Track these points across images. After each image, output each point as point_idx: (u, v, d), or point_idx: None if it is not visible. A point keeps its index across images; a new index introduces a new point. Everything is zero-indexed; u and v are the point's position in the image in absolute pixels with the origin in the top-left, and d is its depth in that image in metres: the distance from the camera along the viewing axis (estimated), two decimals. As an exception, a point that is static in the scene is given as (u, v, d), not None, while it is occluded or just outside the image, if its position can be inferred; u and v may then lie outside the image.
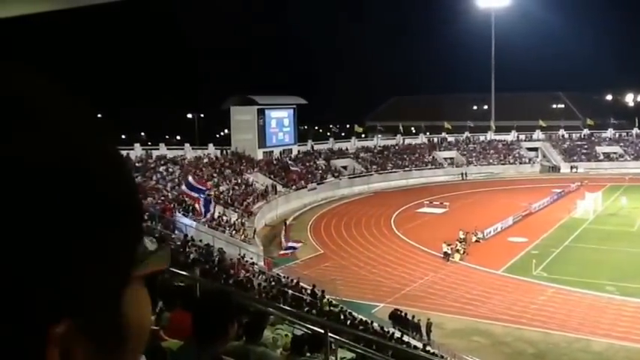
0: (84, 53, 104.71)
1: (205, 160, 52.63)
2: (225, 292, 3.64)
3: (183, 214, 34.80)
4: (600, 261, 33.84)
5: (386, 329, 23.54)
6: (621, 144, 75.00)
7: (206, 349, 2.60)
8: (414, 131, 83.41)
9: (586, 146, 75.47)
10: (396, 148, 72.56)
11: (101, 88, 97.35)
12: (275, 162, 59.45)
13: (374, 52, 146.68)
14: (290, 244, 35.87)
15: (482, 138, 77.89)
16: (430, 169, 69.80)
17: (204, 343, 2.61)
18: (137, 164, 44.50)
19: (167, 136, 75.22)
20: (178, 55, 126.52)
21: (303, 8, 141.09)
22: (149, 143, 57.43)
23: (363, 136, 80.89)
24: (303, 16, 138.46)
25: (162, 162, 47.70)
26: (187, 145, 54.69)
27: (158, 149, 50.86)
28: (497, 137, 78.00)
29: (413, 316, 25.51)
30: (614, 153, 73.96)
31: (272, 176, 55.25)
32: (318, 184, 58.23)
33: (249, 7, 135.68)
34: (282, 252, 35.45)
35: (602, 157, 73.76)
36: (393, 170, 67.09)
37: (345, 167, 64.58)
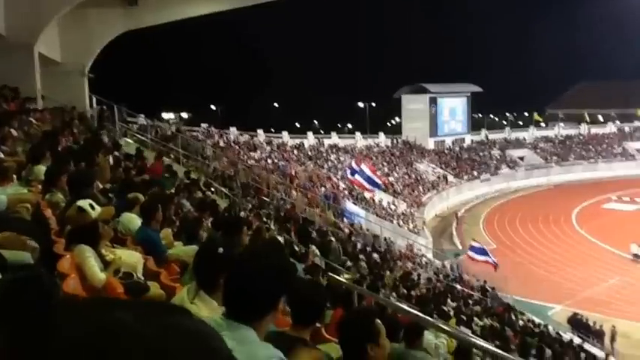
0: (265, 48, 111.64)
1: (376, 149, 53.22)
2: (373, 312, 3.73)
3: (353, 203, 35.63)
4: None
5: (563, 334, 22.05)
6: None
7: None
8: (601, 120, 76.30)
9: None
10: (581, 137, 67.07)
11: (278, 80, 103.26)
12: (447, 151, 58.32)
13: (555, 35, 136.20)
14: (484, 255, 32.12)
15: (683, 127, 68.89)
16: (620, 161, 63.37)
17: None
18: (309, 152, 46.37)
19: (339, 125, 77.28)
20: (351, 44, 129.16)
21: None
22: (321, 132, 59.43)
23: (542, 125, 75.77)
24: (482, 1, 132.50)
25: (333, 150, 49.16)
26: (358, 133, 55.68)
27: (330, 137, 52.45)
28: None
29: (594, 322, 23.58)
30: None
31: (443, 166, 54.31)
32: (491, 175, 56.00)
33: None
34: (474, 255, 32.08)
35: None
36: (577, 162, 62.12)
37: (521, 158, 61.21)
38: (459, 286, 23.51)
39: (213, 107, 74.35)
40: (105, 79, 25.93)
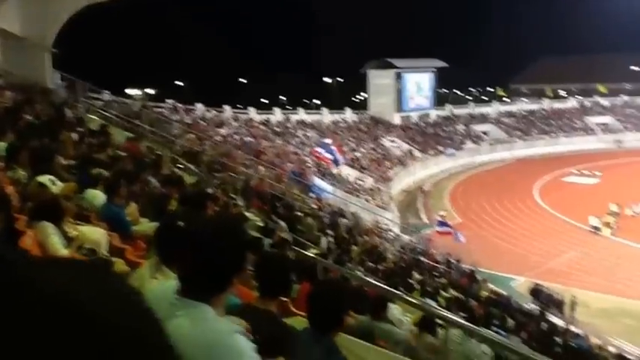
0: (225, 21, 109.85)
1: (342, 125, 53.29)
2: (341, 284, 3.74)
3: (321, 178, 35.72)
4: None
5: (525, 305, 22.71)
6: None
7: (321, 339, 2.73)
8: (563, 95, 77.69)
9: None
10: (543, 112, 68.30)
11: (244, 55, 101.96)
12: (412, 127, 58.75)
13: (519, 10, 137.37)
14: (449, 228, 33.24)
15: (641, 102, 70.80)
16: (580, 135, 64.84)
17: (320, 333, 2.75)
18: (277, 128, 46.17)
19: (306, 101, 76.98)
20: (318, 19, 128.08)
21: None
22: (288, 107, 59.15)
23: (506, 100, 76.85)
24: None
25: (300, 126, 49.05)
26: (325, 109, 55.61)
27: (297, 113, 52.29)
28: (660, 101, 70.43)
29: (555, 293, 24.32)
30: None
31: (409, 141, 54.75)
32: (456, 149, 56.73)
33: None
34: (440, 229, 33.16)
35: None
36: (539, 136, 63.36)
37: (485, 133, 62.13)
38: (424, 259, 23.90)
39: (179, 83, 73.19)
40: (69, 55, 25.22)
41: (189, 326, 1.77)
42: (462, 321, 7.07)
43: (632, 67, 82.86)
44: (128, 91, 49.86)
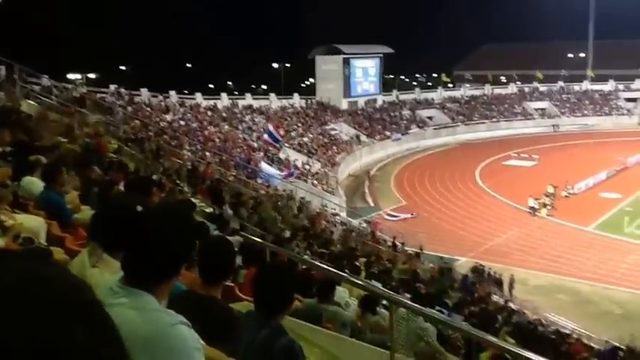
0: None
1: (290, 110, 53.18)
2: (286, 267, 3.75)
3: (268, 164, 35.63)
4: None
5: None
6: None
7: (267, 322, 2.75)
8: (504, 81, 79.79)
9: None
10: (485, 98, 70.07)
11: (190, 41, 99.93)
12: (359, 112, 59.22)
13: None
14: (400, 214, 34.89)
15: (577, 88, 73.63)
16: (520, 120, 67.05)
17: (266, 316, 2.77)
18: (223, 114, 45.66)
19: (253, 86, 76.32)
20: (265, 4, 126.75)
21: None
22: (236, 93, 58.55)
23: (450, 85, 78.39)
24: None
25: (248, 112, 48.66)
26: (273, 95, 55.33)
27: (244, 99, 51.81)
28: (594, 87, 73.43)
29: (494, 272, 25.20)
30: None
31: (356, 126, 55.19)
32: (402, 134, 57.59)
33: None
34: (388, 218, 34.65)
35: None
36: (481, 121, 65.05)
37: (430, 118, 63.32)
38: (370, 243, 24.29)
39: (122, 68, 71.23)
40: (6, 39, 24.15)
41: (131, 316, 1.73)
42: (407, 301, 7.28)
43: (569, 55, 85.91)
44: (70, 76, 48.19)
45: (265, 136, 37.69)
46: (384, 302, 6.56)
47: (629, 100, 70.80)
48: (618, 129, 63.47)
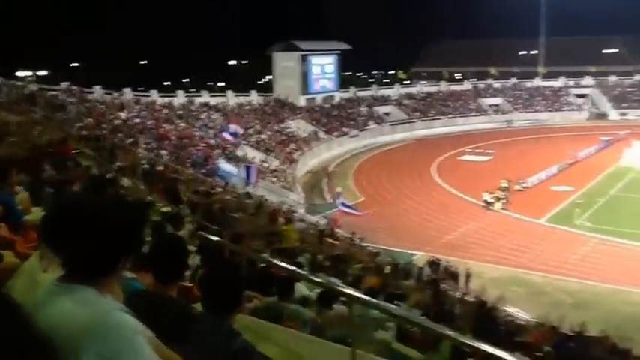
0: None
1: (247, 107, 52.89)
2: (234, 264, 3.72)
3: (226, 162, 35.36)
4: (648, 212, 32.99)
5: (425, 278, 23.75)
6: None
7: (217, 324, 2.69)
8: (459, 77, 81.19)
9: (638, 92, 72.28)
10: (440, 94, 71.23)
11: (145, 38, 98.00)
12: (317, 109, 59.33)
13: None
14: (349, 207, 35.20)
15: (529, 84, 75.58)
16: (475, 116, 68.44)
17: (215, 317, 2.71)
18: (179, 111, 45.09)
19: (210, 83, 75.52)
20: (222, 2, 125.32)
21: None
22: (192, 90, 57.86)
23: (407, 82, 79.36)
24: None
25: (204, 109, 48.17)
26: (230, 91, 54.92)
27: (201, 96, 51.28)
28: (545, 83, 75.55)
29: (451, 265, 25.64)
30: (670, 99, 70.71)
31: (314, 123, 55.28)
32: (360, 131, 58.00)
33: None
34: (341, 209, 34.92)
35: (655, 103, 70.67)
36: (437, 117, 66.12)
37: (387, 114, 63.98)
38: (329, 239, 24.37)
39: (74, 64, 69.45)
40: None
41: (69, 307, 1.72)
42: (365, 296, 7.35)
43: (521, 52, 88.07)
44: (19, 73, 46.76)
45: (225, 134, 37.38)
46: (342, 298, 6.63)
47: (578, 96, 73.12)
48: (568, 124, 65.51)
